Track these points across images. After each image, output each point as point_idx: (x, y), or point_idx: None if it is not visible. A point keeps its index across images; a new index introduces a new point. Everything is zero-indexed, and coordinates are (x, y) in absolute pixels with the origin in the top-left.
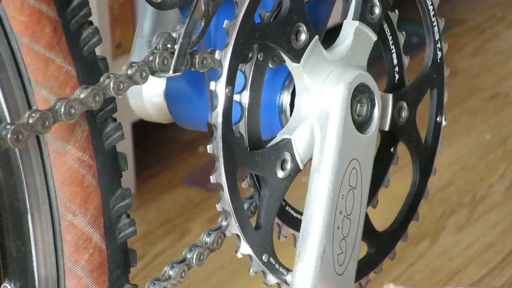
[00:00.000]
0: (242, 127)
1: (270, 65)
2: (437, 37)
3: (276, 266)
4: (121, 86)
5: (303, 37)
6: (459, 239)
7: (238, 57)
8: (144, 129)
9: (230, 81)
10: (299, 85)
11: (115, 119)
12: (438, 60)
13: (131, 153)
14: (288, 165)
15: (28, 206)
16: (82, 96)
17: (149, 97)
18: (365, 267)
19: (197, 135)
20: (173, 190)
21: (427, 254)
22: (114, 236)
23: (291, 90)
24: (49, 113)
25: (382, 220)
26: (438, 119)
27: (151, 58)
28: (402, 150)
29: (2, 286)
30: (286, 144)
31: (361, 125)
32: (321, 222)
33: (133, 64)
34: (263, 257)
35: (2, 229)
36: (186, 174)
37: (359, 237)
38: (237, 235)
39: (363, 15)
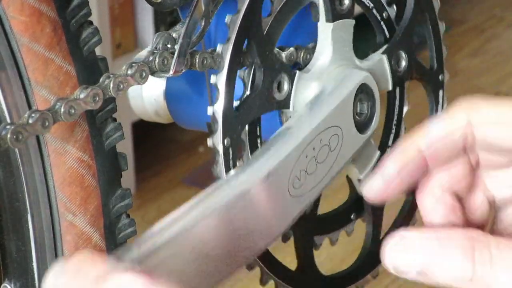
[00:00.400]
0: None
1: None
2: None
3: None
4: (121, 86)
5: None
6: None
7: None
8: (144, 129)
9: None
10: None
11: (115, 119)
12: None
13: (131, 153)
14: None
15: (28, 206)
16: (82, 96)
17: (149, 97)
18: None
19: (197, 135)
20: (173, 190)
21: None
22: (114, 236)
23: None
24: (49, 113)
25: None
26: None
27: (151, 58)
28: None
29: (2, 286)
30: None
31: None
32: (292, 141)
33: (133, 64)
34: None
35: (2, 229)
36: (186, 174)
37: (320, 186)
38: None
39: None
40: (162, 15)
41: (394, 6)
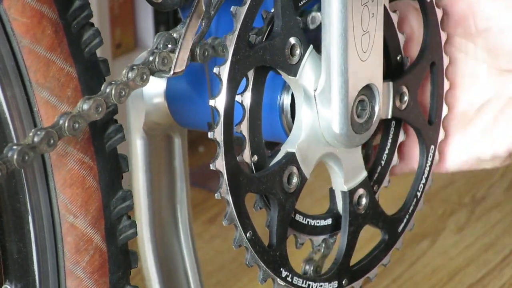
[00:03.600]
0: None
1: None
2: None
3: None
4: (123, 92)
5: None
6: (459, 239)
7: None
8: None
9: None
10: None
11: (116, 121)
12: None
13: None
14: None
15: (29, 208)
16: (85, 107)
17: (149, 97)
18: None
19: (197, 135)
20: None
21: (427, 254)
22: (115, 237)
23: (291, 90)
24: (53, 131)
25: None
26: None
27: (151, 58)
28: None
29: (3, 287)
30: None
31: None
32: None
33: (133, 67)
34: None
35: (3, 230)
36: None
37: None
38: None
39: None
40: (162, 15)
41: None
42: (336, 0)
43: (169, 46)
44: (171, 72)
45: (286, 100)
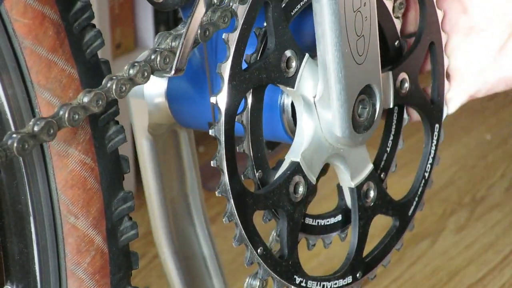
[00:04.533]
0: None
1: None
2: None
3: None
4: (123, 88)
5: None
6: (459, 239)
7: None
8: None
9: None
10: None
11: (117, 122)
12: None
13: (131, 155)
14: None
15: (30, 209)
16: (85, 100)
17: (150, 97)
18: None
19: (197, 135)
20: None
21: (427, 254)
22: (116, 238)
23: None
24: (53, 121)
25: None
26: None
27: (152, 57)
28: (400, 155)
29: None
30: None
31: None
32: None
33: (135, 64)
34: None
35: (5, 232)
36: None
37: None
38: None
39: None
40: (162, 15)
41: None
42: (327, 10)
43: (170, 45)
44: (172, 72)
45: (286, 100)
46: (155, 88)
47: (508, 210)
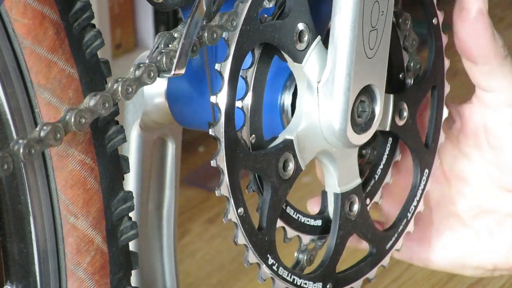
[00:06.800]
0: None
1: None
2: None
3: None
4: (130, 89)
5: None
6: None
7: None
8: None
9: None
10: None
11: (117, 122)
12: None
13: None
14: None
15: (30, 209)
16: (91, 104)
17: (150, 97)
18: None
19: (197, 135)
20: None
21: None
22: (116, 238)
23: (292, 90)
24: (60, 125)
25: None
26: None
27: (158, 57)
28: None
29: None
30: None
31: None
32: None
33: (141, 65)
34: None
35: (5, 231)
36: (186, 174)
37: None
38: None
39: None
40: (162, 15)
41: None
42: None
43: (170, 46)
44: (172, 72)
45: (287, 100)
46: (155, 88)
47: None
